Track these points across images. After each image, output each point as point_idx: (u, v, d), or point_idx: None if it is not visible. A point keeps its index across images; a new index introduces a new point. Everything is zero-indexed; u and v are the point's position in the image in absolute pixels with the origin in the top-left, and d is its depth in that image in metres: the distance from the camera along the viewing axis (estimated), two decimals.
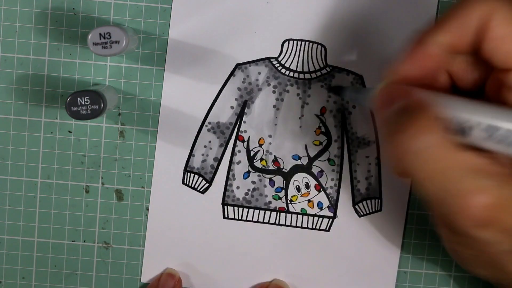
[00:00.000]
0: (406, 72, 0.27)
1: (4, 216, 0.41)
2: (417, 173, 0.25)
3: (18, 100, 0.40)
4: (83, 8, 0.39)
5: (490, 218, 0.26)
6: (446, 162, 0.24)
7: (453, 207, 0.27)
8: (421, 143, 0.24)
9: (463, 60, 0.29)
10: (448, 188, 0.26)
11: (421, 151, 0.24)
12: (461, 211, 0.27)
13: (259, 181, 0.41)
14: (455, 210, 0.27)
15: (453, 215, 0.28)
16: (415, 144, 0.24)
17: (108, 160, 0.40)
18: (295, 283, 0.41)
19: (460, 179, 0.25)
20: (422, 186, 0.27)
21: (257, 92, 0.40)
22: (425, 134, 0.24)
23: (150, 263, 0.41)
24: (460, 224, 0.28)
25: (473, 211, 0.26)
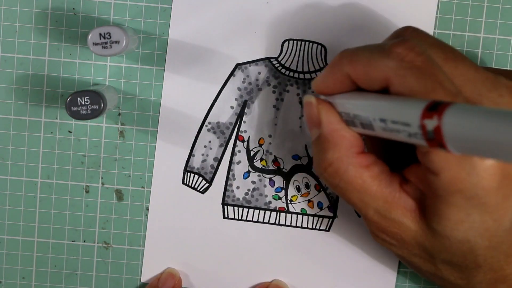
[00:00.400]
0: (323, 84, 0.33)
1: (4, 216, 0.41)
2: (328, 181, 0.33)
3: (18, 100, 0.40)
4: (83, 8, 0.39)
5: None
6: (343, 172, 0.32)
7: (359, 213, 0.33)
8: (328, 159, 0.32)
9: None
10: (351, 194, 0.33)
11: (329, 165, 0.32)
12: (363, 217, 0.33)
13: (259, 181, 0.41)
14: (361, 215, 0.33)
15: (362, 218, 0.34)
16: (325, 160, 0.32)
17: (108, 160, 0.40)
18: (295, 283, 0.41)
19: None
20: (337, 193, 0.33)
21: (257, 92, 0.40)
22: (331, 152, 0.32)
23: (150, 263, 0.41)
24: (368, 227, 0.34)
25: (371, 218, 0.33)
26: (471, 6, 0.40)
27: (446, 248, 0.31)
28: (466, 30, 0.40)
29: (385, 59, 0.30)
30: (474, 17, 0.40)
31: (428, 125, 0.25)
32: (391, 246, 0.33)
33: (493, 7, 0.40)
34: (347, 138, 0.32)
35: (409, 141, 0.27)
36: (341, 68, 0.32)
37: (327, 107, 0.33)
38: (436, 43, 0.32)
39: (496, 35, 0.40)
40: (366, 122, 0.30)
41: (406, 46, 0.30)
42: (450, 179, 0.29)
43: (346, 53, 0.32)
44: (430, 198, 0.30)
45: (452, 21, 0.40)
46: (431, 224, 0.31)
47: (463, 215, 0.30)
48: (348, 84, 0.32)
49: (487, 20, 0.40)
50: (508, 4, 0.40)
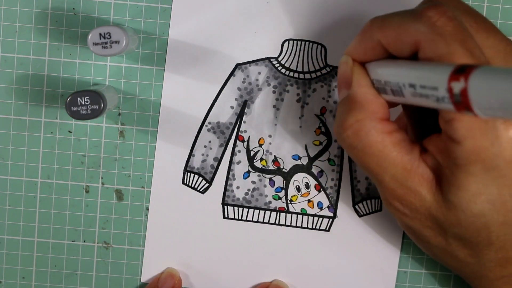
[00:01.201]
0: (355, 53, 0.33)
1: (4, 216, 0.41)
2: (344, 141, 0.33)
3: (18, 100, 0.40)
4: (83, 8, 0.39)
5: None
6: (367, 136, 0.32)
7: (374, 179, 0.33)
8: (352, 119, 0.32)
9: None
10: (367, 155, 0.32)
11: (351, 125, 0.32)
12: (378, 183, 0.33)
13: (259, 181, 0.41)
14: (375, 181, 0.33)
15: (377, 185, 0.33)
16: (348, 120, 0.32)
17: (108, 160, 0.40)
18: (295, 283, 0.41)
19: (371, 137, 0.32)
20: (353, 156, 0.33)
21: (257, 92, 0.40)
22: (356, 113, 0.32)
23: (150, 263, 0.41)
24: (381, 195, 0.33)
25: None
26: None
27: (460, 222, 0.31)
28: None
29: (416, 23, 0.30)
30: None
31: (455, 87, 0.25)
32: (403, 216, 0.33)
33: (493, 7, 0.40)
34: (374, 102, 0.32)
35: (437, 106, 0.27)
36: (371, 35, 0.32)
37: (361, 70, 0.33)
38: (469, 10, 0.32)
39: None
40: (396, 89, 0.30)
41: (438, 10, 0.29)
42: (472, 147, 0.28)
43: (377, 19, 0.32)
44: (448, 169, 0.30)
45: None
46: (447, 196, 0.31)
47: (481, 187, 0.29)
48: (379, 51, 0.32)
49: None
50: (508, 4, 0.40)
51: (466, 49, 0.28)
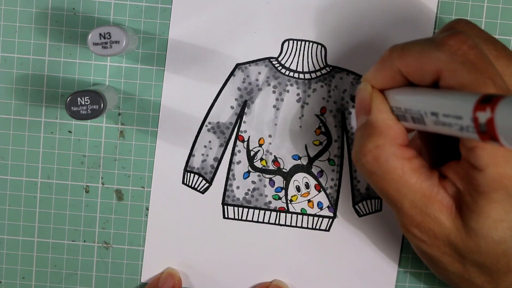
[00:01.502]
0: (374, 80, 0.33)
1: (4, 216, 0.41)
2: (364, 168, 0.32)
3: (18, 100, 0.40)
4: (83, 8, 0.39)
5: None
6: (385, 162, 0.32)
7: (392, 205, 0.33)
8: (371, 145, 0.32)
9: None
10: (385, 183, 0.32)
11: (370, 150, 0.32)
12: (397, 210, 0.33)
13: (259, 181, 0.41)
14: (393, 208, 0.33)
15: (395, 211, 0.33)
16: (367, 146, 0.32)
17: (108, 160, 0.40)
18: (295, 283, 0.41)
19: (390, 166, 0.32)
20: (371, 181, 0.33)
21: (257, 92, 0.40)
22: (375, 139, 0.32)
23: (150, 263, 0.41)
24: (399, 221, 0.33)
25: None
26: (471, 6, 0.40)
27: (480, 248, 0.31)
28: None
29: (437, 52, 0.30)
30: (474, 17, 0.40)
31: (481, 117, 0.25)
32: (422, 242, 0.33)
33: (493, 7, 0.40)
34: (393, 128, 0.32)
35: (460, 135, 0.27)
36: (391, 64, 0.32)
37: (380, 97, 0.33)
38: (489, 38, 0.32)
39: (496, 35, 0.40)
40: (417, 116, 0.30)
41: (459, 39, 0.29)
42: (495, 175, 0.28)
43: (397, 47, 0.32)
44: (469, 195, 0.30)
45: None
46: (468, 222, 0.31)
47: (503, 213, 0.29)
48: (399, 80, 0.32)
49: (487, 20, 0.40)
50: (508, 4, 0.40)
51: (488, 78, 0.28)
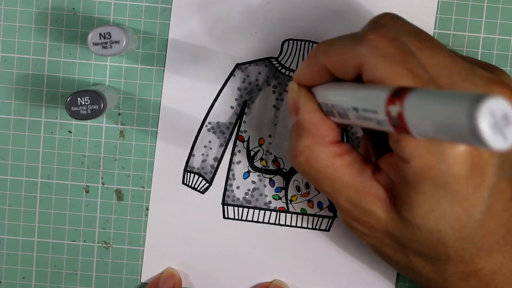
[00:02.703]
0: (302, 78, 0.34)
1: (4, 216, 0.41)
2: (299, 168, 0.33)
3: (18, 100, 0.40)
4: (83, 8, 0.39)
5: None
6: (318, 159, 0.32)
7: (331, 201, 0.33)
8: (301, 145, 0.32)
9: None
10: (320, 179, 0.32)
11: (301, 151, 0.32)
12: (335, 205, 0.33)
13: (259, 181, 0.41)
14: (333, 203, 0.33)
15: (335, 206, 0.34)
16: (298, 147, 0.32)
17: (108, 160, 0.40)
18: (295, 283, 0.41)
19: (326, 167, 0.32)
20: (309, 181, 0.33)
21: (257, 92, 0.40)
22: (304, 139, 0.32)
23: (150, 263, 0.41)
24: (339, 215, 0.34)
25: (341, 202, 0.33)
26: (471, 6, 0.40)
27: (416, 238, 0.31)
28: (466, 30, 0.40)
29: (358, 46, 0.30)
30: (474, 17, 0.40)
31: (392, 111, 0.25)
32: (363, 235, 0.33)
33: (493, 7, 0.40)
34: (321, 126, 0.32)
35: (379, 128, 0.27)
36: (317, 60, 0.32)
37: (307, 95, 0.33)
38: (413, 30, 0.32)
39: (496, 35, 0.40)
40: (342, 112, 0.30)
41: (379, 32, 0.30)
42: (420, 166, 0.28)
43: (322, 44, 0.32)
44: (401, 187, 0.30)
45: (452, 21, 0.40)
46: (401, 213, 0.31)
47: (434, 204, 0.29)
48: (326, 75, 0.32)
49: (487, 20, 0.40)
50: (508, 4, 0.40)
51: (407, 69, 0.28)
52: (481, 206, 0.30)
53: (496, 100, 0.21)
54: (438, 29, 0.40)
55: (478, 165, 0.29)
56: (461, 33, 0.40)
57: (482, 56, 0.40)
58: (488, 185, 0.29)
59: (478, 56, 0.40)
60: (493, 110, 0.21)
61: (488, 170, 0.29)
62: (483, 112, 0.21)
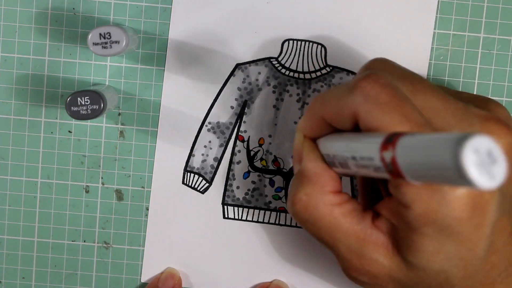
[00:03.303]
0: (305, 129, 0.34)
1: (4, 216, 0.41)
2: (298, 219, 0.33)
3: (18, 100, 0.40)
4: (83, 8, 0.39)
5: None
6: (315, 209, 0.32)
7: (331, 251, 0.33)
8: (301, 193, 0.32)
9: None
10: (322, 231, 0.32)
11: (300, 199, 0.32)
12: (335, 255, 0.33)
13: (259, 181, 0.41)
14: (332, 253, 0.33)
15: (335, 256, 0.34)
16: (297, 194, 0.32)
17: (108, 160, 0.40)
18: (295, 283, 0.41)
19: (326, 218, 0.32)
20: (307, 230, 0.33)
21: (257, 92, 0.40)
22: (305, 187, 0.32)
23: (150, 263, 0.41)
24: (340, 266, 0.34)
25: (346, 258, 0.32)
26: (471, 6, 0.40)
27: (422, 280, 0.31)
28: (466, 30, 0.40)
29: (351, 95, 0.30)
30: (474, 17, 0.40)
31: (386, 157, 0.25)
32: (364, 284, 0.33)
33: (493, 7, 0.40)
34: (322, 176, 0.32)
35: (377, 175, 0.27)
36: (315, 112, 0.32)
37: (311, 146, 0.33)
38: (404, 75, 0.32)
39: (496, 35, 0.40)
40: (342, 161, 0.30)
41: (371, 79, 0.29)
42: (422, 211, 0.28)
43: (318, 97, 0.32)
44: (403, 231, 0.30)
45: (452, 21, 0.40)
46: (406, 257, 0.31)
47: (438, 246, 0.30)
48: (325, 127, 0.33)
49: (487, 20, 0.40)
50: (508, 4, 0.40)
51: (402, 115, 0.28)
52: (483, 243, 0.30)
53: (480, 138, 0.21)
54: (438, 29, 0.40)
55: (479, 205, 0.29)
56: (461, 33, 0.40)
57: (482, 56, 0.40)
58: (489, 223, 0.29)
59: (478, 56, 0.40)
60: (478, 149, 0.21)
61: (489, 208, 0.29)
62: (467, 152, 0.20)
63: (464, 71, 0.40)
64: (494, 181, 0.21)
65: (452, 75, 0.40)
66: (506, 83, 0.40)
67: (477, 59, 0.40)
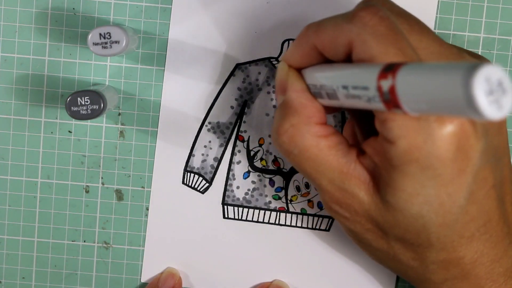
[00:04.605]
0: (292, 59, 0.33)
1: (4, 216, 0.41)
2: (282, 148, 0.32)
3: (18, 100, 0.40)
4: (83, 8, 0.39)
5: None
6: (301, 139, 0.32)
7: (313, 183, 0.33)
8: (287, 124, 0.32)
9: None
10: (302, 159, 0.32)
11: (285, 130, 0.32)
12: (317, 187, 0.33)
13: (259, 181, 0.41)
14: (314, 185, 0.33)
15: (316, 189, 0.33)
16: (283, 125, 0.32)
17: (108, 160, 0.40)
18: (295, 283, 0.41)
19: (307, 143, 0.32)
20: (290, 161, 0.33)
21: (257, 92, 0.40)
22: (290, 118, 0.32)
23: (150, 263, 0.41)
24: (321, 199, 0.33)
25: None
26: (471, 6, 0.40)
27: (399, 223, 0.31)
28: (466, 30, 0.40)
29: (349, 24, 0.30)
30: (474, 17, 0.40)
31: (384, 85, 0.25)
32: (344, 219, 0.33)
33: (493, 7, 0.40)
34: (308, 106, 0.32)
35: (369, 106, 0.27)
36: (307, 40, 0.32)
37: (296, 75, 0.33)
38: (403, 13, 0.32)
39: (496, 35, 0.40)
40: (331, 92, 0.30)
41: (370, 10, 0.29)
42: (406, 147, 0.28)
43: (313, 24, 0.32)
44: (385, 170, 0.30)
45: (452, 21, 0.40)
46: (385, 197, 0.30)
47: (418, 187, 0.29)
48: (315, 57, 0.32)
49: (487, 20, 0.40)
50: (508, 4, 0.40)
51: (398, 48, 0.28)
52: (464, 191, 0.30)
53: (491, 67, 0.21)
54: (438, 29, 0.40)
55: (464, 149, 0.28)
56: (461, 33, 0.40)
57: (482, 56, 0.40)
58: (472, 170, 0.29)
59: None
60: (489, 78, 0.20)
61: (472, 154, 0.29)
62: (479, 79, 0.20)
63: None
64: (502, 111, 0.21)
65: None
66: None
67: None
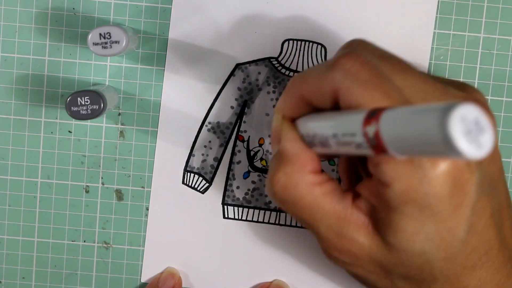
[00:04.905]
0: (284, 110, 0.34)
1: (4, 216, 0.41)
2: (278, 201, 0.32)
3: (18, 100, 0.40)
4: (83, 8, 0.39)
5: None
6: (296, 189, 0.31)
7: (311, 231, 0.33)
8: (280, 173, 0.32)
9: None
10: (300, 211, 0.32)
11: (279, 179, 0.32)
12: (315, 235, 0.33)
13: (259, 181, 0.41)
14: (312, 233, 0.33)
15: (314, 236, 0.33)
16: (276, 175, 0.32)
17: (108, 160, 0.40)
18: (295, 283, 0.41)
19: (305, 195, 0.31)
20: (287, 210, 0.32)
21: (257, 92, 0.40)
22: (284, 167, 0.32)
23: (150, 263, 0.41)
24: (320, 246, 0.33)
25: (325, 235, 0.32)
26: (471, 6, 0.40)
27: (402, 262, 0.31)
28: (466, 30, 0.40)
29: (332, 72, 0.30)
30: (474, 17, 0.40)
31: (369, 131, 0.25)
32: (345, 264, 0.33)
33: (493, 7, 0.40)
34: (302, 155, 0.32)
35: (359, 152, 0.27)
36: (295, 91, 0.32)
37: (289, 126, 0.33)
38: (384, 54, 0.32)
39: (496, 35, 0.40)
40: (323, 140, 0.30)
41: (351, 57, 0.30)
42: (402, 189, 0.28)
43: (298, 75, 0.32)
44: (383, 212, 0.30)
45: (452, 21, 0.40)
46: (386, 238, 0.31)
47: (418, 226, 0.29)
48: (305, 106, 0.32)
49: (487, 20, 0.40)
50: (508, 4, 0.40)
51: (382, 92, 0.28)
52: (464, 224, 0.30)
53: (466, 107, 0.21)
54: (438, 29, 0.40)
55: (459, 184, 0.29)
56: (461, 33, 0.40)
57: (482, 56, 0.40)
58: (469, 203, 0.29)
59: (478, 56, 0.40)
60: (465, 118, 0.20)
61: (468, 188, 0.29)
62: (454, 120, 0.20)
63: (464, 71, 0.40)
64: (482, 150, 0.21)
65: (452, 75, 0.40)
66: (506, 83, 0.40)
67: (477, 59, 0.40)
